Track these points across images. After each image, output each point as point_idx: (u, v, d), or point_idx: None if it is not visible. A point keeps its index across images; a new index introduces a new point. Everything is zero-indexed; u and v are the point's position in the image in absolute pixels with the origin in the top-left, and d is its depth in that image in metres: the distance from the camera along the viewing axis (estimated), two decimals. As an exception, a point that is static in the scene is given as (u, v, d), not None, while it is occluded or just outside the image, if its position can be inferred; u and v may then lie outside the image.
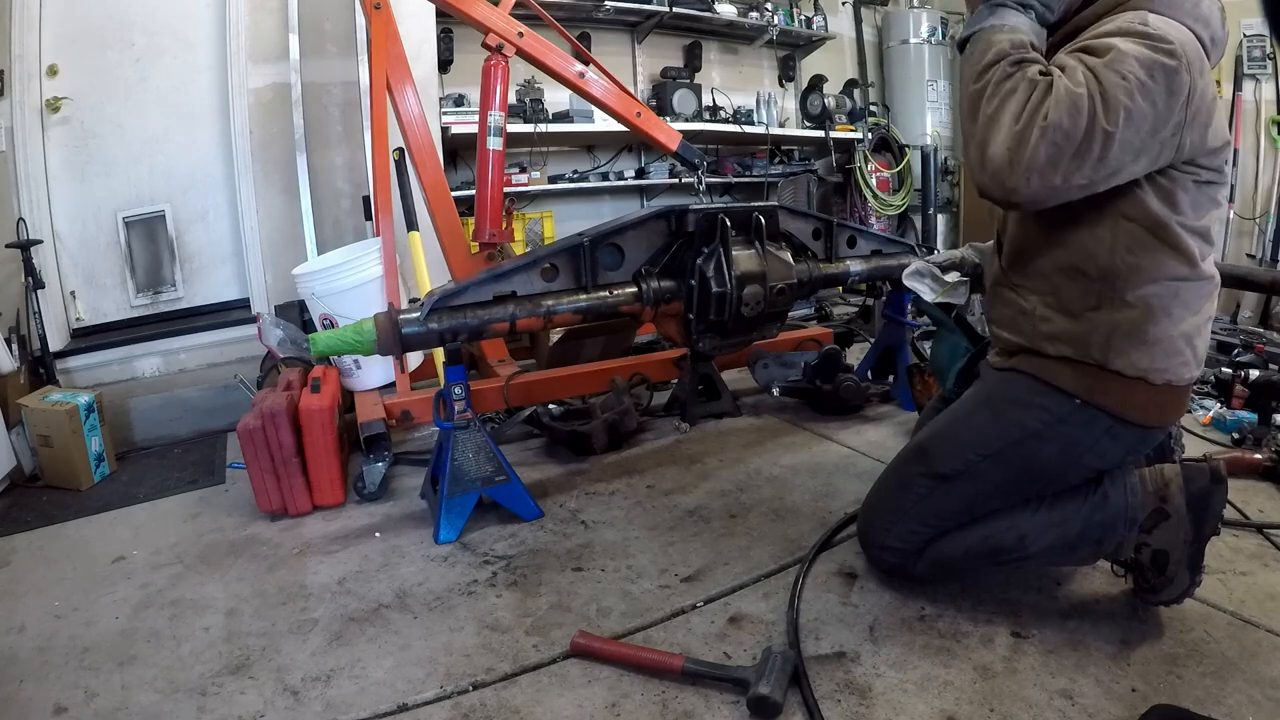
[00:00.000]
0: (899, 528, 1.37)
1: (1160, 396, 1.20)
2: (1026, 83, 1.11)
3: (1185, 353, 1.19)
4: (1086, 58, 1.10)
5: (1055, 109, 1.06)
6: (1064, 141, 1.06)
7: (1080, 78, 1.08)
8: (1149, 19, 1.11)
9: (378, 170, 2.51)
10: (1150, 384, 1.18)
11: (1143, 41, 1.08)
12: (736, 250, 1.93)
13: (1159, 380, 1.18)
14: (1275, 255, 3.98)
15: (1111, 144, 1.06)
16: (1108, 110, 1.05)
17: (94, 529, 1.98)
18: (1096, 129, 1.06)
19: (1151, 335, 1.17)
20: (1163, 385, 1.19)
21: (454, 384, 1.77)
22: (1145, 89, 1.06)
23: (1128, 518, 1.24)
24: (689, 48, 4.60)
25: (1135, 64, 1.06)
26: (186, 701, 1.22)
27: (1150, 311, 1.17)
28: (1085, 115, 1.05)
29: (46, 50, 2.84)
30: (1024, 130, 1.07)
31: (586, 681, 1.22)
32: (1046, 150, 1.06)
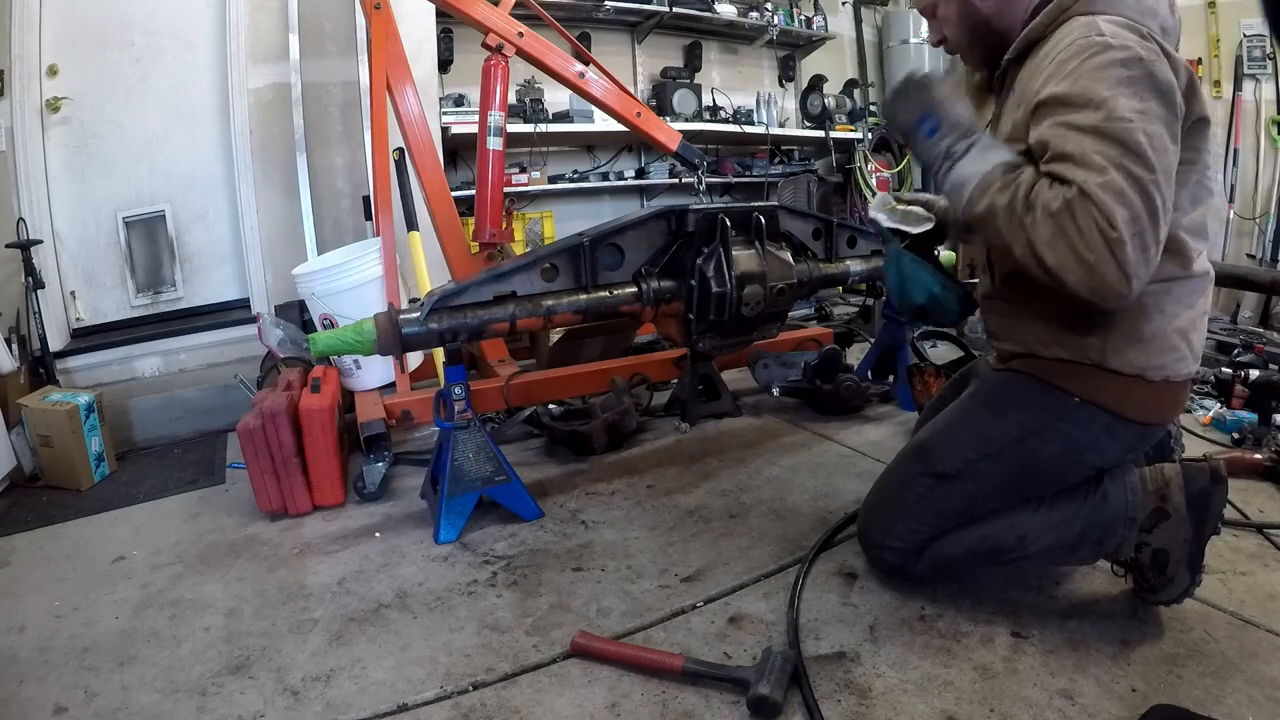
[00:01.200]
0: (899, 527, 1.37)
1: (1158, 393, 1.20)
2: (1052, 214, 1.05)
3: (1181, 348, 1.19)
4: (1077, 119, 1.07)
5: (1108, 212, 1.01)
6: (1139, 227, 1.02)
7: (1096, 158, 1.03)
8: (1102, 27, 1.10)
9: (378, 170, 2.51)
10: (1148, 381, 1.18)
11: (1113, 61, 1.06)
12: (736, 250, 1.92)
13: (1157, 377, 1.18)
14: (1275, 255, 3.98)
15: (1164, 185, 1.04)
16: (1143, 163, 1.02)
17: (94, 529, 1.98)
18: (1148, 188, 1.02)
19: (1146, 333, 1.17)
20: (1160, 382, 1.19)
21: (454, 384, 1.77)
22: (1147, 112, 1.05)
23: (1128, 517, 1.24)
24: (689, 48, 4.60)
25: (1124, 95, 1.04)
26: (186, 701, 1.22)
27: (1144, 311, 1.16)
28: (1132, 190, 1.01)
29: (46, 50, 2.84)
30: (1101, 256, 1.02)
31: (586, 681, 1.22)
32: (1135, 249, 1.02)
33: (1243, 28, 4.05)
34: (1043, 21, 1.21)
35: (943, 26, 1.38)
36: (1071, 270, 1.06)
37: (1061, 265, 1.07)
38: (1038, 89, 1.15)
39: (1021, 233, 1.10)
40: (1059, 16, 1.19)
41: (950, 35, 1.38)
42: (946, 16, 1.35)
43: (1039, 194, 1.08)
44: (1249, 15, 4.00)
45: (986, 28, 1.30)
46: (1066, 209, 1.05)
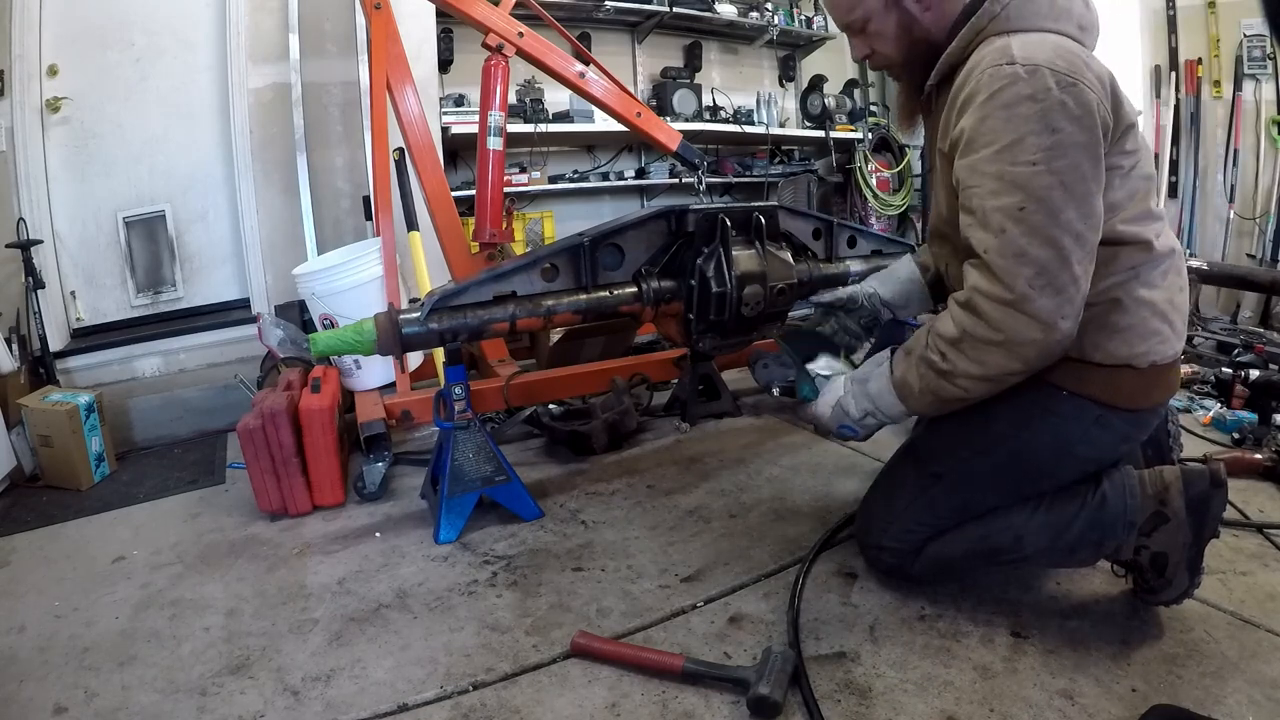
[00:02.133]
0: (895, 528, 1.37)
1: (1147, 378, 1.19)
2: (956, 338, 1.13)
3: (1163, 330, 1.18)
4: (980, 160, 1.08)
5: (1006, 280, 1.06)
6: (1048, 277, 1.05)
7: (995, 217, 1.07)
8: (1014, 53, 1.09)
9: (378, 170, 2.51)
10: (1135, 368, 1.18)
11: (1020, 96, 1.06)
12: (736, 250, 1.92)
13: (1143, 363, 1.18)
14: (1275, 255, 3.97)
15: (1076, 220, 1.05)
16: (1044, 208, 1.05)
17: (94, 529, 1.98)
18: (1051, 234, 1.05)
19: (1122, 324, 1.17)
20: (1148, 367, 1.18)
21: (454, 384, 1.77)
22: (1057, 145, 1.05)
23: (1126, 520, 1.24)
24: (689, 48, 4.60)
25: (1032, 132, 1.04)
26: (186, 701, 1.22)
27: (1115, 303, 1.16)
28: (1032, 243, 1.05)
29: (46, 50, 2.84)
30: (1011, 326, 1.07)
31: (586, 681, 1.22)
32: (1047, 298, 1.05)
33: (1243, 28, 4.04)
34: (959, 45, 1.20)
35: (873, 41, 1.31)
36: (1003, 360, 1.11)
37: (994, 369, 1.12)
38: (954, 121, 1.15)
39: (955, 383, 1.16)
40: (974, 39, 1.18)
41: (883, 51, 1.31)
42: (881, 31, 1.28)
43: (939, 336, 1.16)
44: (1249, 15, 4.00)
45: (926, 42, 1.26)
46: (966, 313, 1.12)
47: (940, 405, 1.22)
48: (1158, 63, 4.33)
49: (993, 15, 1.16)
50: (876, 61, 1.34)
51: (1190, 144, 4.28)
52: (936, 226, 1.38)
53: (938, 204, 1.34)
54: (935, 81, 1.26)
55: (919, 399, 1.22)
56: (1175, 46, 4.27)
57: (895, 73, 1.36)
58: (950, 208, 1.26)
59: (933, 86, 1.28)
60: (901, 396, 1.24)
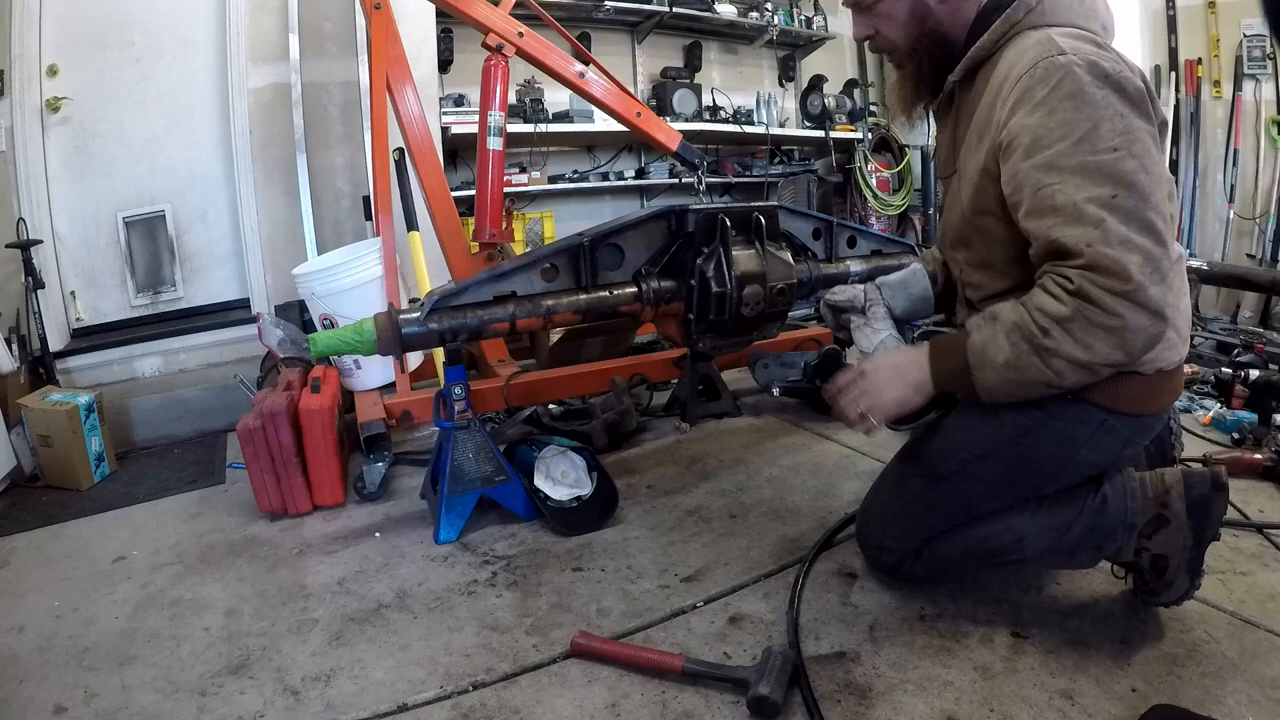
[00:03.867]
0: (896, 528, 1.36)
1: (1153, 383, 1.19)
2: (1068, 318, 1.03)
3: (1170, 337, 1.17)
4: (1057, 156, 1.04)
5: (1120, 270, 0.99)
6: (1153, 262, 1.01)
7: (1089, 209, 1.01)
8: (1059, 43, 1.07)
9: (378, 170, 2.51)
10: (1141, 374, 1.17)
11: (1083, 84, 1.03)
12: (736, 250, 1.92)
13: (1149, 370, 1.17)
14: (1275, 255, 3.98)
15: (1161, 202, 1.03)
16: (1136, 192, 1.01)
17: (94, 529, 1.98)
18: (1148, 218, 1.01)
19: None
20: (1154, 373, 1.18)
21: (454, 384, 1.77)
22: (1129, 130, 1.03)
23: (1127, 523, 1.23)
24: (689, 48, 4.60)
25: (1105, 119, 1.02)
26: (186, 701, 1.22)
27: None
28: (1134, 229, 1.00)
29: (46, 50, 2.84)
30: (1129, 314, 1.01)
31: (586, 681, 1.22)
32: (1155, 284, 1.01)
33: (1243, 28, 4.05)
34: (990, 39, 1.17)
35: (879, 23, 1.25)
36: (1109, 348, 1.03)
37: (1099, 355, 1.04)
38: (1003, 120, 1.11)
39: (1050, 364, 1.07)
40: (1007, 32, 1.15)
41: (887, 34, 1.26)
42: (891, 14, 1.23)
43: (1042, 311, 1.06)
44: (1249, 15, 4.00)
45: (938, 32, 1.23)
46: (1078, 300, 1.03)
47: (1016, 386, 1.12)
48: (1158, 63, 4.34)
49: (1029, 8, 1.14)
50: (878, 44, 1.29)
51: (1190, 144, 4.28)
52: (958, 232, 1.29)
53: (959, 207, 1.27)
54: (959, 78, 1.23)
55: (998, 371, 1.11)
56: (1175, 46, 4.27)
57: (897, 59, 1.31)
58: (977, 210, 1.21)
59: (955, 83, 1.25)
60: (976, 365, 1.14)
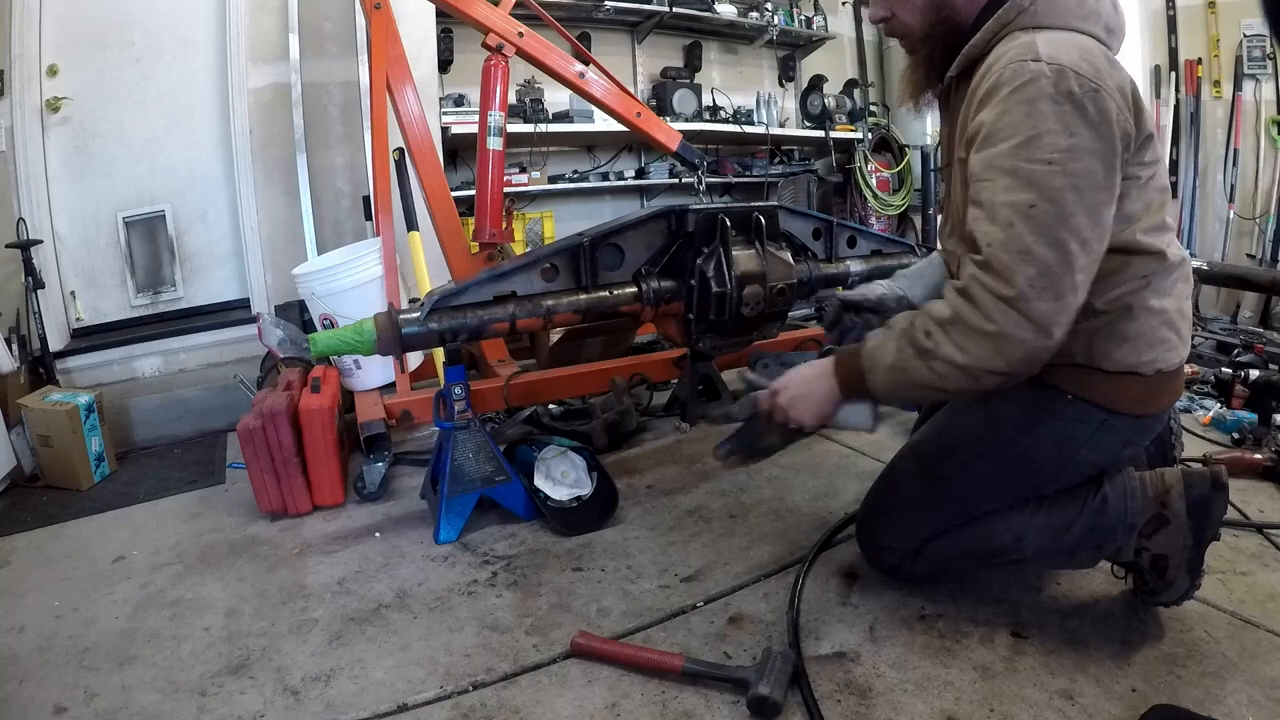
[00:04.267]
0: (895, 528, 1.36)
1: (1153, 385, 1.19)
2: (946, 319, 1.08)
3: (1171, 339, 1.18)
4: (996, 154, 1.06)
5: (1006, 275, 1.02)
6: (1049, 280, 1.02)
7: (1003, 211, 1.03)
8: (1039, 49, 1.06)
9: (378, 170, 2.51)
10: (1141, 375, 1.17)
11: (1042, 94, 1.03)
12: (736, 250, 1.92)
13: (1149, 371, 1.17)
14: (1275, 255, 3.98)
15: (1085, 227, 1.03)
16: (1056, 209, 1.02)
17: (94, 529, 1.98)
18: (1059, 236, 1.01)
19: (1131, 332, 1.16)
20: (1153, 375, 1.18)
21: (454, 384, 1.77)
22: (1075, 148, 1.02)
23: (1127, 523, 1.23)
24: (689, 48, 4.60)
25: (1050, 130, 1.02)
26: (186, 701, 1.22)
27: (1125, 310, 1.15)
28: (1039, 242, 1.02)
29: (46, 50, 2.84)
30: (1006, 320, 1.03)
31: (586, 681, 1.22)
32: (1046, 301, 1.02)
33: (1243, 28, 4.05)
34: (983, 38, 1.17)
35: (895, 5, 1.26)
36: (986, 354, 1.05)
37: (976, 360, 1.06)
38: (973, 114, 1.13)
39: (931, 365, 1.10)
40: (999, 32, 1.16)
41: (904, 19, 1.26)
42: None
43: (929, 315, 1.11)
44: (1249, 15, 4.00)
45: (953, 21, 1.22)
46: (961, 300, 1.07)
47: (901, 387, 1.16)
48: (1158, 63, 4.33)
49: (1020, 9, 1.14)
50: (894, 27, 1.29)
51: (1190, 144, 4.28)
52: (952, 214, 1.32)
53: (955, 202, 1.29)
54: (955, 74, 1.24)
55: (883, 375, 1.16)
56: (1175, 46, 4.27)
57: (911, 44, 1.30)
58: (965, 194, 1.21)
59: (952, 78, 1.25)
60: (866, 369, 1.18)
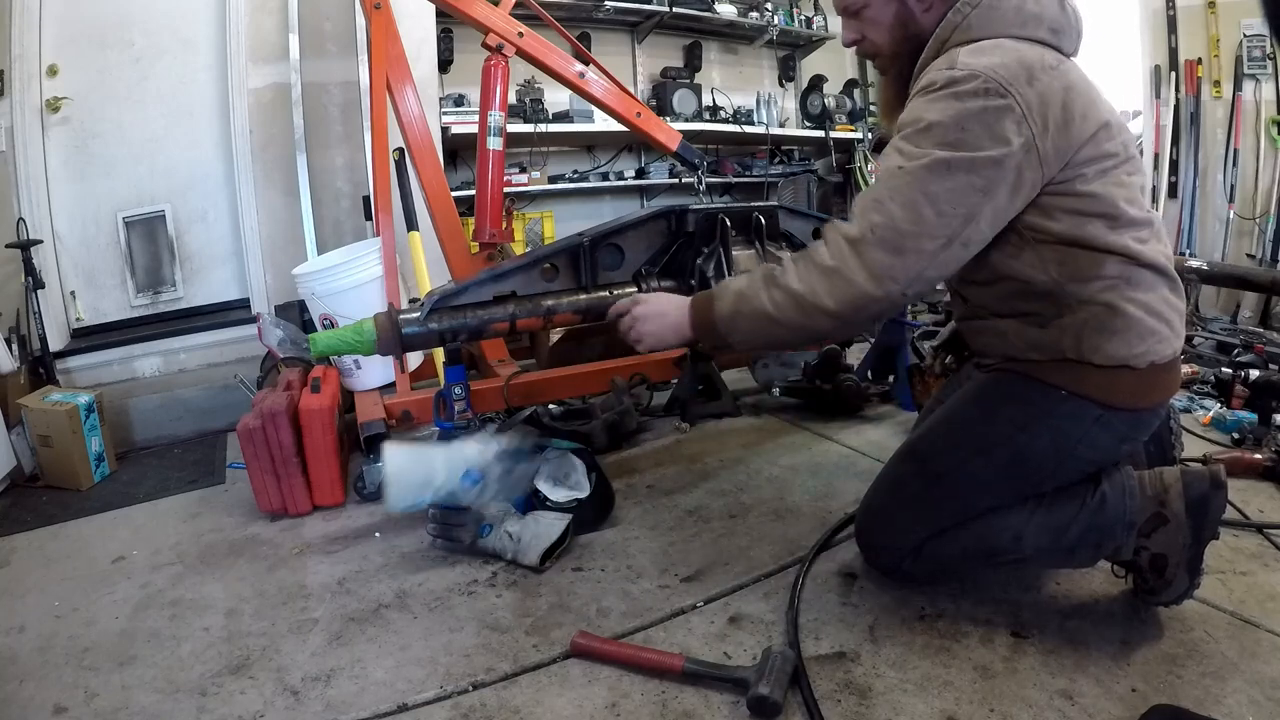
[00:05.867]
0: (895, 527, 1.36)
1: (1147, 378, 1.19)
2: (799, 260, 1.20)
3: (1161, 330, 1.18)
4: (895, 141, 1.14)
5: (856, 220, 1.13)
6: (892, 232, 1.10)
7: (879, 174, 1.14)
8: (958, 58, 1.12)
9: (378, 170, 2.51)
10: (1134, 369, 1.17)
11: (946, 97, 1.09)
12: (736, 250, 1.92)
13: (1142, 364, 1.17)
14: (1275, 255, 3.97)
15: (949, 207, 1.08)
16: (923, 184, 1.09)
17: (94, 529, 1.98)
18: (918, 205, 1.08)
19: (1119, 326, 1.16)
20: (1147, 367, 1.18)
21: (454, 384, 1.77)
22: (961, 142, 1.07)
23: (1126, 522, 1.23)
24: (689, 48, 4.60)
25: (950, 119, 1.08)
26: (186, 701, 1.22)
27: (1110, 305, 1.15)
28: (891, 201, 1.10)
29: (46, 50, 2.84)
30: (844, 260, 1.13)
31: (586, 681, 1.22)
32: (884, 251, 1.10)
33: (1243, 28, 4.04)
34: (926, 57, 1.23)
35: (866, 28, 1.31)
36: (822, 290, 1.15)
37: (809, 292, 1.16)
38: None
39: (771, 293, 1.20)
40: (939, 50, 1.20)
41: (873, 39, 1.32)
42: (877, 19, 1.29)
43: (790, 256, 1.22)
44: (1249, 15, 4.00)
45: (919, 39, 1.27)
46: (817, 240, 1.19)
47: (742, 317, 1.25)
48: (1158, 63, 4.33)
49: (955, 26, 1.18)
50: (865, 48, 1.34)
51: (1190, 144, 4.27)
52: None
53: None
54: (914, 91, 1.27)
55: (729, 300, 1.26)
56: (1175, 46, 4.27)
57: (882, 64, 1.36)
58: None
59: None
60: (716, 295, 1.30)
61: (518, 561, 1.57)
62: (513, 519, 1.63)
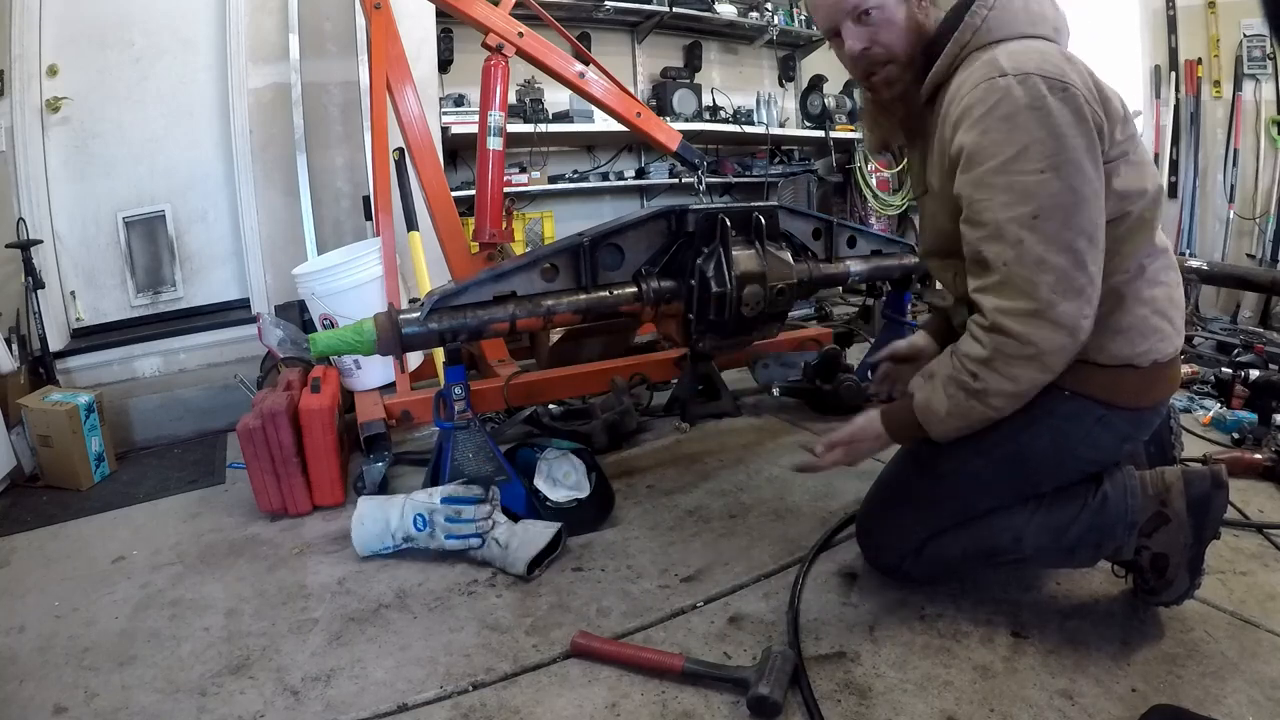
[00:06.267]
0: (895, 527, 1.36)
1: (1149, 376, 1.20)
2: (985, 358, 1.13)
3: (1164, 328, 1.18)
4: (986, 172, 1.10)
5: (1028, 289, 1.07)
6: (1067, 282, 1.07)
7: (1010, 228, 1.07)
8: (1001, 62, 1.10)
9: (378, 170, 2.51)
10: (1136, 367, 1.18)
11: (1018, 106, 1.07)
12: (736, 250, 1.92)
13: (1144, 362, 1.18)
14: (1275, 255, 3.97)
15: (1087, 223, 1.07)
16: (1058, 213, 1.06)
17: (94, 529, 1.98)
18: (1067, 238, 1.06)
19: (1124, 324, 1.17)
20: (1149, 366, 1.18)
21: (454, 384, 1.77)
22: (1060, 150, 1.06)
23: (1127, 521, 1.23)
24: (689, 48, 4.60)
25: (1036, 139, 1.06)
26: (186, 701, 1.22)
27: (1120, 302, 1.16)
28: (1050, 250, 1.06)
29: (46, 50, 2.84)
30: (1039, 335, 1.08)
31: (586, 681, 1.22)
32: (1069, 302, 1.07)
33: (1243, 28, 4.05)
34: (944, 63, 1.21)
35: (879, 32, 1.22)
36: (1033, 373, 1.11)
37: (1026, 382, 1.13)
38: (950, 137, 1.17)
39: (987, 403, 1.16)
40: (959, 54, 1.19)
41: (888, 40, 1.22)
42: (892, 18, 1.20)
43: (968, 357, 1.15)
44: (1249, 15, 4.00)
45: (929, 37, 1.23)
46: (993, 335, 1.12)
47: (966, 427, 1.21)
48: (1158, 63, 4.33)
49: (974, 29, 1.18)
50: (873, 55, 1.24)
51: (1190, 144, 4.28)
52: (942, 245, 1.32)
53: (937, 224, 1.30)
54: (924, 100, 1.27)
55: (944, 422, 1.21)
56: (1175, 46, 4.27)
57: (886, 75, 1.26)
58: (947, 218, 1.25)
59: (922, 106, 1.28)
60: (924, 422, 1.23)
61: (506, 570, 1.57)
62: (503, 527, 1.63)
